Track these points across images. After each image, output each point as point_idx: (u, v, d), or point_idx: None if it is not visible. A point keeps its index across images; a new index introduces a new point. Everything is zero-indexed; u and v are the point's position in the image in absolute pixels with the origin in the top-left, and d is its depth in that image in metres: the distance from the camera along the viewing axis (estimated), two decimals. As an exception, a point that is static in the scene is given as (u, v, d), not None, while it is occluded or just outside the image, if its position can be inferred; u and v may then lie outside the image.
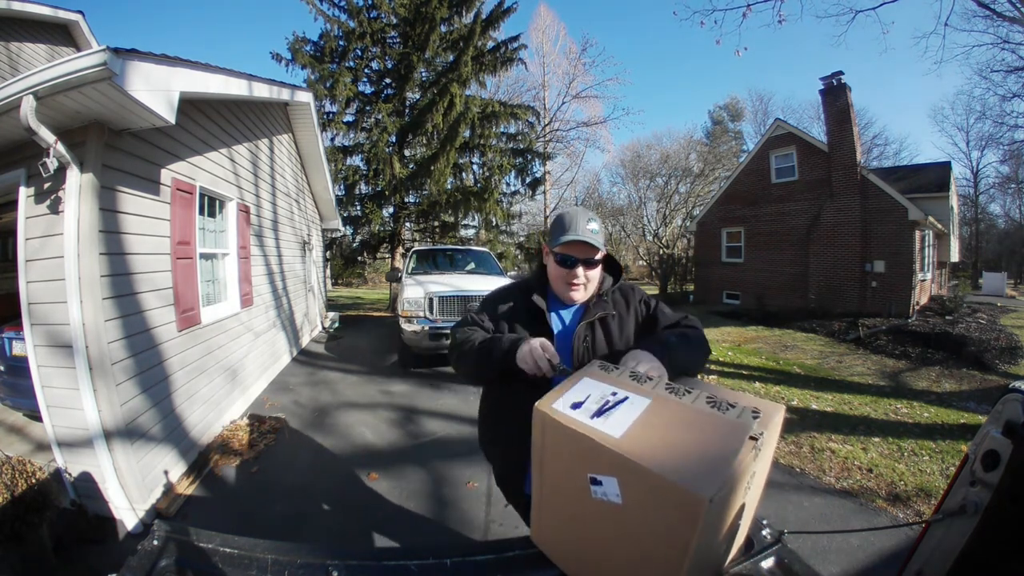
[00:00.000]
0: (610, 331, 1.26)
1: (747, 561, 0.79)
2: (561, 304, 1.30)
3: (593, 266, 1.23)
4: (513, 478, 1.31)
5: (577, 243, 1.18)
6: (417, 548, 0.94)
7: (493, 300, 1.36)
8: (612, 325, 1.27)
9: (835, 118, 10.48)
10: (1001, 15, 8.54)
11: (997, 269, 21.69)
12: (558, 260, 1.22)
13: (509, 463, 1.32)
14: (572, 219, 1.20)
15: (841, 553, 2.19)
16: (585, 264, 1.21)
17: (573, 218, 1.20)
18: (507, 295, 1.35)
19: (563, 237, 1.18)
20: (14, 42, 5.99)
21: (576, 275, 1.21)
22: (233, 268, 4.29)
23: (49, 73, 1.96)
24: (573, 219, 1.20)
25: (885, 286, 9.95)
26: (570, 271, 1.21)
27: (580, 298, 1.26)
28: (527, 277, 1.39)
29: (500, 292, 1.39)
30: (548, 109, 21.37)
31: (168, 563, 0.73)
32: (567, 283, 1.23)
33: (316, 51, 11.80)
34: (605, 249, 1.23)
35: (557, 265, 1.23)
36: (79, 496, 2.39)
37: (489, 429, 1.41)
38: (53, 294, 2.32)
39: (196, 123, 3.48)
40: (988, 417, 0.77)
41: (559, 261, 1.22)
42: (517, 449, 1.08)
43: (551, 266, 1.26)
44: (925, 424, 4.01)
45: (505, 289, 1.40)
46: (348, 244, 13.40)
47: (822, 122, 12.18)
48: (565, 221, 1.21)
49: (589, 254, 1.20)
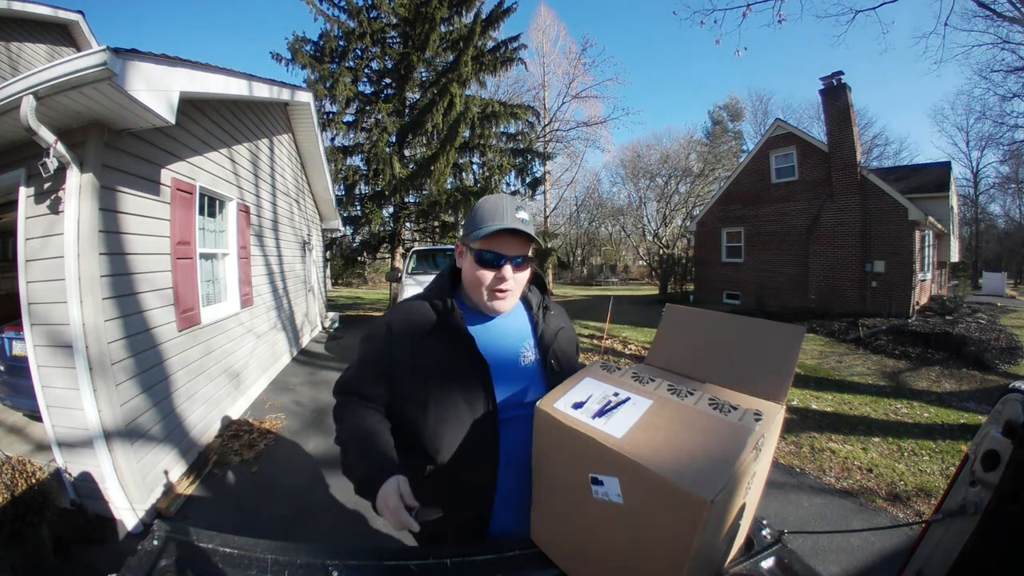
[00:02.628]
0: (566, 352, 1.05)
1: (747, 561, 0.79)
2: (478, 318, 0.99)
3: (524, 267, 0.97)
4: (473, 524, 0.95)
5: (507, 233, 0.92)
6: (417, 548, 0.94)
7: (389, 332, 0.97)
8: (564, 343, 1.07)
9: (835, 118, 10.48)
10: (1001, 15, 8.54)
11: (997, 269, 21.68)
12: (480, 258, 0.94)
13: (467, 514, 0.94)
14: (497, 206, 0.94)
15: (841, 553, 2.19)
16: (515, 264, 0.94)
17: (498, 205, 0.95)
18: (413, 317, 0.97)
19: (488, 228, 0.91)
20: (14, 42, 5.98)
21: (505, 277, 0.93)
22: (233, 268, 4.29)
23: (49, 73, 1.97)
24: (498, 206, 0.94)
25: (885, 286, 9.95)
26: (497, 272, 0.93)
27: (507, 308, 0.98)
28: (437, 284, 1.03)
29: (401, 316, 0.99)
30: (548, 109, 21.43)
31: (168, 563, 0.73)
32: (492, 289, 0.95)
33: (316, 51, 11.80)
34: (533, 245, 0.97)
35: (478, 265, 0.94)
36: (79, 496, 2.39)
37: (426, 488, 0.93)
38: (53, 294, 2.32)
39: (196, 123, 3.48)
40: (988, 417, 0.77)
41: (481, 260, 0.94)
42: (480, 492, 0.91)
43: (467, 268, 0.97)
44: (925, 424, 4.01)
45: (411, 307, 0.99)
46: (348, 244, 13.41)
47: (822, 122, 12.19)
48: (487, 209, 0.94)
49: (521, 250, 0.95)
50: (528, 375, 0.98)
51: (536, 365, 1.00)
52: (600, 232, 31.27)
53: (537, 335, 1.03)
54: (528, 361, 1.00)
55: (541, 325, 1.04)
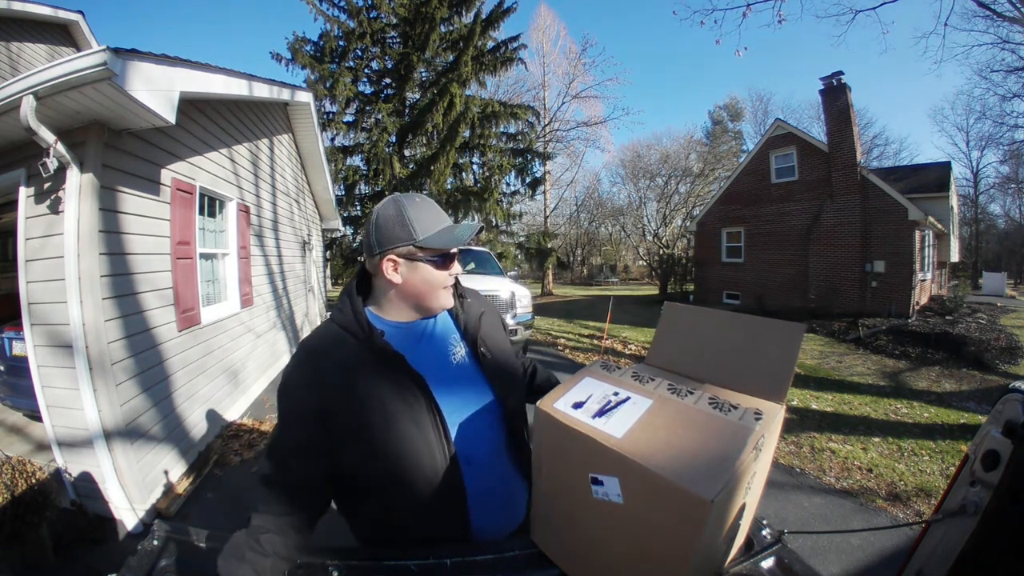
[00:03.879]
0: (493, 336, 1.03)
1: (747, 561, 0.79)
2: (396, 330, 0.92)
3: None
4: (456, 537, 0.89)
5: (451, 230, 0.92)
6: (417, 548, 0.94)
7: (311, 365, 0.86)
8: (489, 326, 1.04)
9: (835, 118, 10.48)
10: (1001, 15, 8.55)
11: (997, 269, 21.69)
12: (438, 261, 0.90)
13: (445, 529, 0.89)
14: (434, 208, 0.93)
15: (841, 553, 2.19)
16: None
17: (432, 207, 0.93)
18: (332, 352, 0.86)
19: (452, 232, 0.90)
20: (14, 42, 5.99)
21: (458, 271, 0.96)
22: (233, 268, 4.29)
23: (49, 73, 1.97)
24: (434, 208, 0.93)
25: (885, 286, 9.95)
26: (450, 270, 0.93)
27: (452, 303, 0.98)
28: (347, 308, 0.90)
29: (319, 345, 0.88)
30: (548, 109, 21.43)
31: (168, 563, 0.73)
32: (444, 287, 0.93)
33: (316, 51, 11.81)
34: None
35: (441, 269, 0.91)
36: (79, 496, 2.39)
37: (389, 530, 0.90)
38: (53, 294, 2.32)
39: (196, 123, 3.48)
40: (988, 417, 0.77)
41: (439, 262, 0.91)
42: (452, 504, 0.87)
43: (418, 276, 0.90)
44: (925, 424, 4.01)
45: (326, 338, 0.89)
46: (348, 244, 13.41)
47: (822, 122, 12.19)
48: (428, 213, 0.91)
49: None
50: (463, 372, 0.95)
51: (468, 359, 0.97)
52: (600, 232, 31.28)
53: (460, 328, 0.99)
54: (459, 358, 0.96)
55: (462, 316, 1.00)
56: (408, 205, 0.90)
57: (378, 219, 0.90)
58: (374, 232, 0.89)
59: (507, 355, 1.04)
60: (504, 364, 1.00)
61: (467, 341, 0.99)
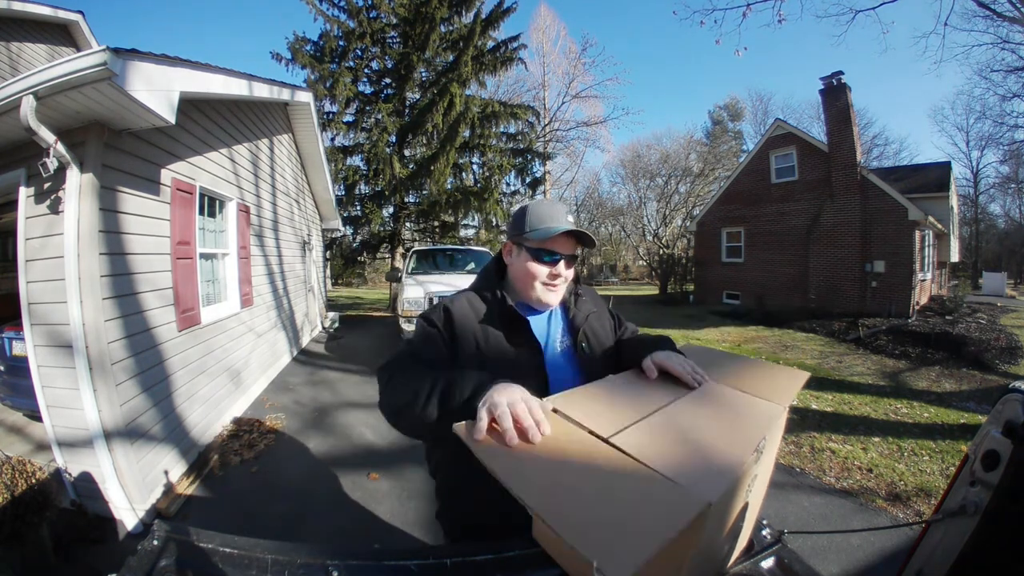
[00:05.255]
0: (596, 333, 1.14)
1: (747, 561, 0.79)
2: (523, 311, 1.08)
3: (572, 263, 1.09)
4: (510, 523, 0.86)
5: (566, 235, 1.04)
6: (417, 548, 0.94)
7: (448, 312, 1.03)
8: (596, 325, 1.15)
9: (835, 118, 10.48)
10: (1001, 15, 8.54)
11: (997, 269, 21.69)
12: (538, 256, 1.04)
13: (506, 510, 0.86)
14: (552, 209, 1.07)
15: (841, 553, 2.19)
16: (568, 260, 1.07)
17: (552, 208, 1.07)
18: (469, 303, 1.06)
19: (549, 228, 1.03)
20: (14, 42, 5.99)
21: (559, 273, 1.05)
22: (233, 268, 4.29)
23: (49, 73, 1.97)
24: (553, 209, 1.07)
25: (885, 286, 9.95)
26: (552, 268, 1.05)
27: (556, 300, 1.10)
28: (483, 279, 1.14)
29: (457, 301, 1.07)
30: (548, 109, 21.42)
31: (168, 563, 0.73)
32: (545, 283, 1.06)
33: (316, 51, 11.80)
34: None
35: (535, 262, 1.04)
36: (79, 496, 2.39)
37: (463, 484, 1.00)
38: (53, 294, 2.32)
39: (196, 123, 3.48)
40: (988, 417, 0.77)
41: (539, 257, 1.04)
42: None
43: (520, 264, 1.07)
44: (925, 424, 4.01)
45: (463, 296, 1.09)
46: (348, 244, 13.41)
47: (822, 122, 12.19)
48: (544, 211, 1.06)
49: (573, 249, 1.07)
50: (564, 359, 1.07)
51: (569, 350, 1.09)
52: (600, 232, 31.27)
53: (568, 319, 1.13)
54: (563, 347, 1.09)
55: (572, 310, 1.13)
56: (534, 204, 1.08)
57: (515, 211, 1.10)
58: (509, 220, 1.12)
59: (606, 355, 1.13)
60: (600, 362, 1.09)
61: (570, 333, 1.11)
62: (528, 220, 1.05)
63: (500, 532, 0.87)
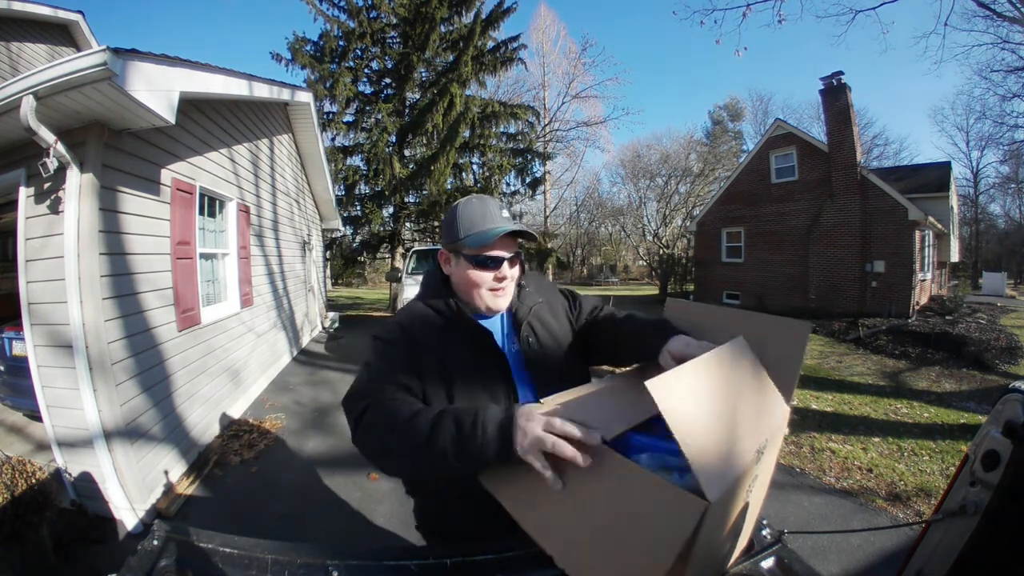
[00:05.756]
0: (546, 322, 1.04)
1: (747, 561, 0.79)
2: (479, 317, 1.00)
3: (515, 261, 0.99)
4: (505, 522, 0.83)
5: (504, 237, 0.95)
6: (417, 548, 0.94)
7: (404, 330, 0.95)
8: (544, 314, 1.05)
9: (835, 118, 10.48)
10: (1001, 15, 8.54)
11: (997, 269, 21.67)
12: (479, 262, 0.95)
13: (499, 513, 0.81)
14: (483, 209, 0.97)
15: (841, 553, 2.19)
16: (511, 260, 0.97)
17: (484, 208, 0.97)
18: (422, 319, 0.98)
19: (484, 233, 0.94)
20: (14, 42, 5.99)
21: (504, 275, 0.96)
22: (233, 268, 4.29)
23: (49, 73, 1.97)
24: (484, 209, 0.97)
25: (885, 286, 9.95)
26: (497, 272, 0.96)
27: (505, 304, 1.00)
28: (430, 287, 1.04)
29: (409, 317, 0.99)
30: (548, 109, 21.43)
31: (168, 563, 0.73)
32: (492, 289, 0.96)
33: (316, 51, 11.80)
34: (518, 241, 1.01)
35: (476, 269, 0.95)
36: (79, 496, 2.40)
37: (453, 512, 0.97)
38: (53, 294, 2.32)
39: (196, 123, 3.48)
40: (988, 417, 0.77)
41: (480, 263, 0.95)
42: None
43: (461, 272, 0.97)
44: (925, 424, 4.01)
45: (413, 311, 1.00)
46: (348, 244, 13.41)
47: (822, 122, 12.19)
48: (474, 213, 0.97)
49: (513, 248, 0.98)
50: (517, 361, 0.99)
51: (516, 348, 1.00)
52: (600, 232, 31.26)
53: (511, 316, 1.03)
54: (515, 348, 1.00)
55: (515, 304, 1.03)
56: (463, 206, 0.99)
57: (445, 215, 1.01)
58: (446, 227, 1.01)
59: (562, 342, 1.05)
60: (551, 355, 1.01)
61: (514, 330, 1.02)
62: (460, 225, 0.96)
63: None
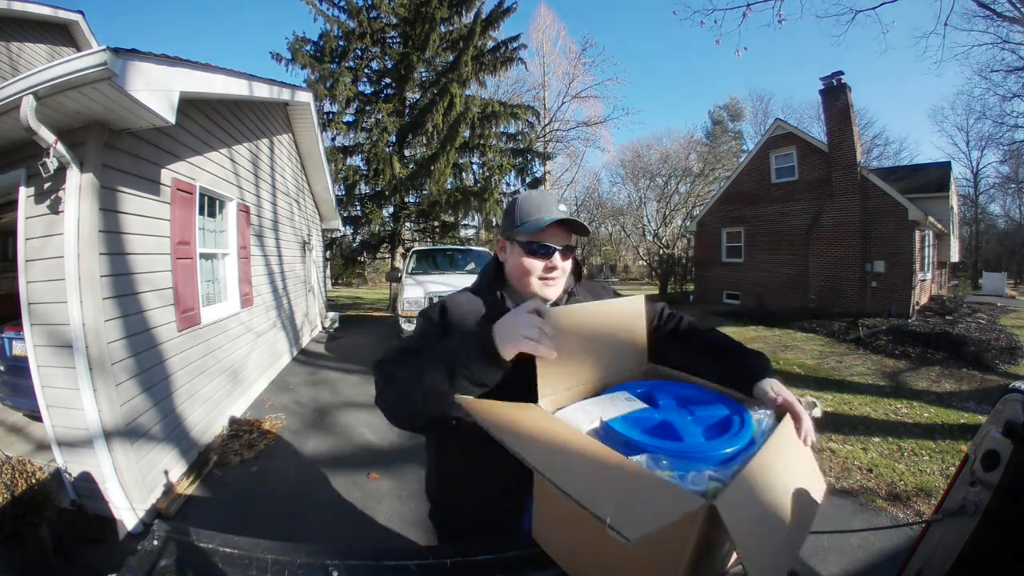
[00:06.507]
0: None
1: (747, 561, 0.79)
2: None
3: (568, 254, 1.03)
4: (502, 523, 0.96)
5: (557, 225, 0.99)
6: (417, 548, 0.94)
7: (445, 309, 1.01)
8: None
9: (835, 118, 10.48)
10: (1001, 15, 8.55)
11: (997, 269, 21.67)
12: (531, 250, 0.99)
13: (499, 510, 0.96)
14: (540, 200, 1.02)
15: (841, 553, 2.19)
16: (563, 252, 1.01)
17: (541, 199, 1.03)
18: (467, 302, 1.03)
19: (539, 220, 0.98)
20: (14, 42, 5.99)
21: (555, 265, 1.00)
22: (233, 268, 4.29)
23: (49, 73, 1.97)
24: (541, 200, 1.02)
25: (885, 286, 9.95)
26: (547, 261, 0.99)
27: (556, 294, 1.03)
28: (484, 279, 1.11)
29: (455, 299, 1.05)
30: (548, 109, 21.40)
31: (168, 563, 0.73)
32: (542, 278, 1.00)
33: (316, 51, 11.80)
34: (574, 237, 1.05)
35: (528, 256, 0.99)
36: (79, 496, 2.39)
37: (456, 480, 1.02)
38: (53, 294, 2.32)
39: (196, 123, 3.48)
40: (988, 417, 0.77)
41: (532, 251, 0.99)
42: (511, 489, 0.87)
43: (514, 259, 1.03)
44: (925, 424, 4.01)
45: (462, 295, 1.06)
46: (348, 244, 13.42)
47: (822, 122, 12.20)
48: (532, 203, 1.02)
49: (566, 239, 1.02)
50: None
51: None
52: (600, 232, 31.26)
53: None
54: None
55: (562, 301, 1.07)
56: (523, 197, 1.05)
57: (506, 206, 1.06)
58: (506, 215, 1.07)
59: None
60: None
61: None
62: (518, 214, 1.02)
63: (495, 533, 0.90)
